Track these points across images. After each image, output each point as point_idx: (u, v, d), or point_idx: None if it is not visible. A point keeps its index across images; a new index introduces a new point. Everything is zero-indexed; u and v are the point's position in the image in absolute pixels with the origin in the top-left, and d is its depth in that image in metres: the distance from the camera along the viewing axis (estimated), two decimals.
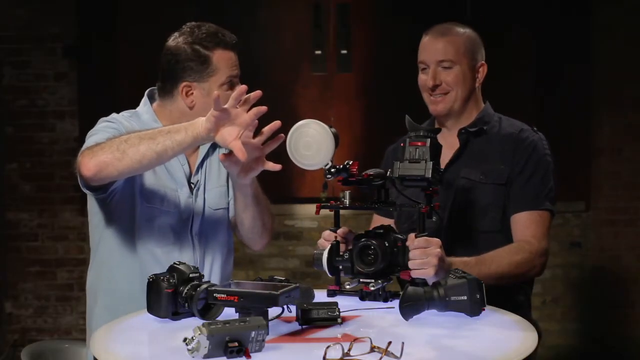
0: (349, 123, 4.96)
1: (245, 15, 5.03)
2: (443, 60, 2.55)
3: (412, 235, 2.15)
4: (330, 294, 2.27)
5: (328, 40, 4.99)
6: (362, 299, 2.23)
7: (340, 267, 2.25)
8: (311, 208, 5.13)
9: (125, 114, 2.48)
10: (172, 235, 2.44)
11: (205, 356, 1.70)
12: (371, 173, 2.22)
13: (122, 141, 2.16)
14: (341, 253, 2.25)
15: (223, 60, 2.42)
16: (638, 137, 4.92)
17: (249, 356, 1.72)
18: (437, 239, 2.14)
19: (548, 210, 2.52)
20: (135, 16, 4.88)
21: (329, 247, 2.26)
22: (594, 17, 4.88)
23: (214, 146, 2.57)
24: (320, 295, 2.22)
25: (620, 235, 5.00)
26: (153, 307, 2.05)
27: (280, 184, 5.06)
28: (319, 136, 2.12)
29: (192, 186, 2.50)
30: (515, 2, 4.88)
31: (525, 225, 2.48)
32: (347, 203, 2.23)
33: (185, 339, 1.72)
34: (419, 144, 2.15)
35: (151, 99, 2.52)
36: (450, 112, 2.58)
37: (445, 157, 2.55)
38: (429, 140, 2.14)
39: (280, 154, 2.25)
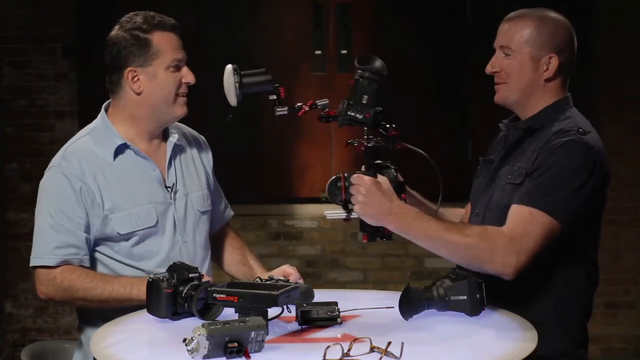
0: None
1: (245, 15, 5.03)
2: (503, 46, 2.38)
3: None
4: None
5: (328, 40, 4.98)
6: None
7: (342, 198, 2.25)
8: (311, 208, 5.16)
9: (82, 134, 2.46)
10: (159, 246, 2.42)
11: (205, 356, 1.70)
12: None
13: (78, 298, 2.35)
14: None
15: (164, 42, 2.41)
16: (638, 137, 4.91)
17: (248, 356, 1.72)
18: (371, 178, 2.16)
19: (543, 211, 2.17)
20: None
21: (332, 178, 2.25)
22: (594, 17, 4.88)
23: (184, 143, 2.55)
24: (320, 295, 2.22)
25: (620, 235, 5.00)
26: (153, 307, 2.05)
27: (280, 184, 5.05)
28: (227, 77, 2.24)
29: (169, 190, 2.46)
30: (515, 2, 4.88)
31: (511, 216, 2.20)
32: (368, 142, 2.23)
33: (185, 339, 1.72)
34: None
35: (107, 110, 2.50)
36: (506, 103, 2.41)
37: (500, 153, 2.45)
38: (355, 79, 2.20)
39: (280, 155, 2.25)
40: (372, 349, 1.75)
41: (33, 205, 2.43)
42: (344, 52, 4.98)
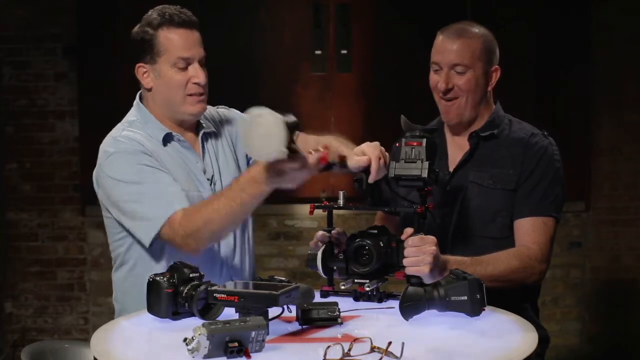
0: (349, 123, 4.95)
1: (245, 15, 5.03)
2: (457, 64, 2.45)
3: (407, 229, 2.15)
4: (324, 294, 2.26)
5: (328, 40, 4.98)
6: (357, 299, 2.22)
7: (335, 267, 2.24)
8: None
9: (122, 128, 2.41)
10: None
11: (206, 356, 1.70)
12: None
13: (211, 230, 2.23)
14: (335, 253, 2.24)
15: (170, 40, 2.38)
16: (638, 137, 4.92)
17: (249, 356, 1.72)
18: (432, 237, 2.13)
19: (552, 217, 2.45)
20: (135, 16, 4.87)
21: (323, 247, 2.25)
22: (594, 17, 4.88)
23: (213, 128, 2.52)
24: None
25: (620, 235, 5.00)
26: (153, 307, 2.05)
27: None
28: (270, 126, 1.96)
29: (209, 181, 2.46)
30: (515, 1, 4.88)
31: (528, 231, 2.42)
32: (342, 203, 2.22)
33: (185, 339, 1.72)
34: (415, 143, 2.15)
35: (142, 100, 2.49)
36: (462, 119, 2.51)
37: (454, 160, 2.53)
38: (424, 140, 2.14)
39: None
40: (372, 349, 1.75)
41: (33, 205, 2.42)
42: (344, 52, 4.98)
